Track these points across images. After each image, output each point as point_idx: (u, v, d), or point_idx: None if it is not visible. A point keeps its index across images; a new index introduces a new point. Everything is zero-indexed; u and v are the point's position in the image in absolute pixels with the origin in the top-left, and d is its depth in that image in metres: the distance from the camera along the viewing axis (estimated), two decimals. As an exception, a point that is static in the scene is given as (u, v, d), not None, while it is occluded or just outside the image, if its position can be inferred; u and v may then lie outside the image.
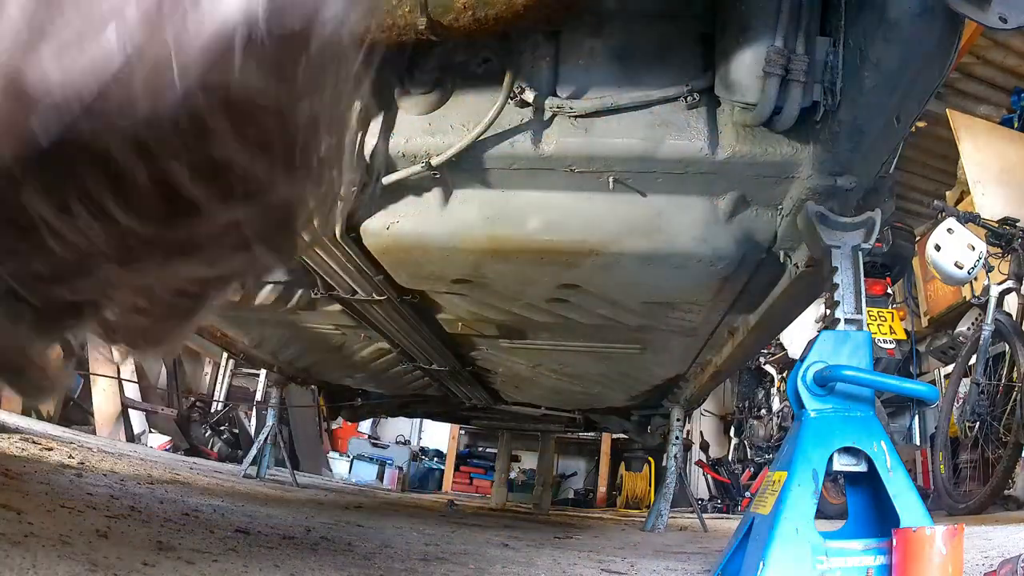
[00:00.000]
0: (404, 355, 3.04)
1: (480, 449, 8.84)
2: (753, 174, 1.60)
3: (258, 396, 6.95)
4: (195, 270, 0.31)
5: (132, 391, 5.99)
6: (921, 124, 5.88)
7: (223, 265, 0.31)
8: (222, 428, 6.75)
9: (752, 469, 6.78)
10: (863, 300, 1.48)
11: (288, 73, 0.27)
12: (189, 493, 2.30)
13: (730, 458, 7.38)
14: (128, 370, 5.96)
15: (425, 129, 1.61)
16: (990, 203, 5.27)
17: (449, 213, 1.78)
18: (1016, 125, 5.91)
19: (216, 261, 0.30)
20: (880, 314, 4.77)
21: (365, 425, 8.57)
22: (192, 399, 6.89)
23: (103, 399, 5.76)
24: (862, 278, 1.50)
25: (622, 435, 5.86)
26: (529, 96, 1.53)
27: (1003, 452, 3.57)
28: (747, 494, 6.64)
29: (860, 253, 1.52)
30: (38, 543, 1.05)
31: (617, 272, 1.95)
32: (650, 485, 7.35)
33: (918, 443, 6.44)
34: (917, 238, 5.49)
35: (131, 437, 5.81)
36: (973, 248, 3.88)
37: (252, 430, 6.88)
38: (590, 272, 1.97)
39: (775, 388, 6.50)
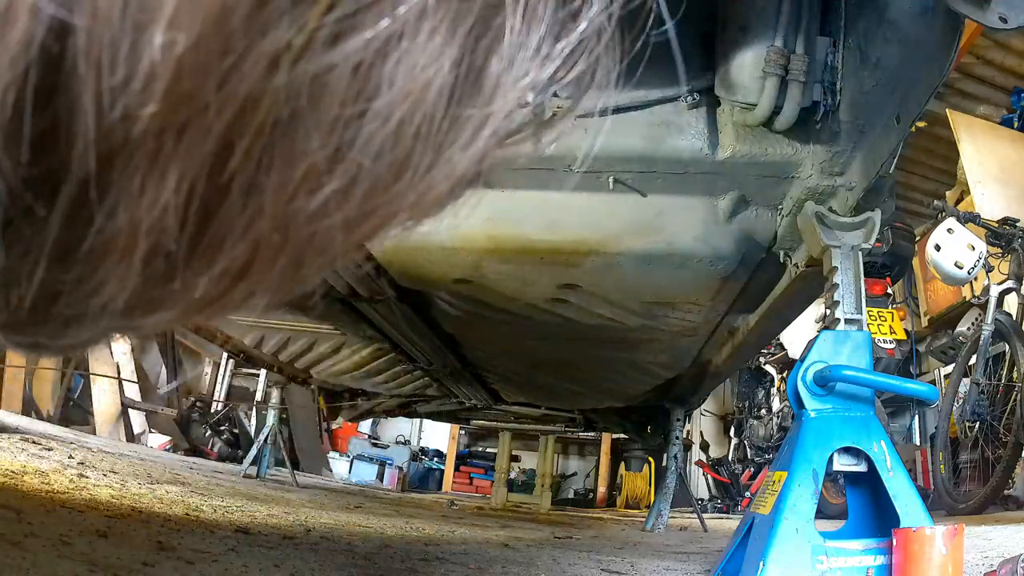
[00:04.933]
0: (404, 355, 3.04)
1: (480, 449, 8.84)
2: (753, 174, 1.60)
3: (258, 396, 6.95)
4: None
5: (132, 391, 5.99)
6: (921, 124, 5.88)
7: None
8: (222, 428, 6.74)
9: (752, 469, 6.78)
10: (863, 300, 1.48)
11: None
12: (189, 493, 2.30)
13: (730, 458, 7.38)
14: (128, 370, 5.96)
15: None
16: (990, 203, 5.27)
17: (449, 213, 1.78)
18: (1016, 125, 5.91)
19: None
20: (880, 314, 4.77)
21: (365, 425, 8.56)
22: (192, 399, 6.89)
23: (103, 399, 5.76)
24: (862, 278, 1.50)
25: (622, 435, 5.86)
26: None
27: (1003, 452, 3.57)
28: (747, 494, 6.64)
29: (860, 253, 1.52)
30: (38, 543, 1.05)
31: (617, 272, 1.95)
32: (650, 485, 7.35)
33: (918, 443, 6.44)
34: (917, 238, 5.49)
35: (131, 437, 5.81)
36: (973, 248, 3.88)
37: (252, 430, 6.87)
38: (590, 272, 1.97)
39: (775, 388, 6.50)
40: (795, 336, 5.46)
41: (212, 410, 7.02)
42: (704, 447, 7.96)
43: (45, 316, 0.23)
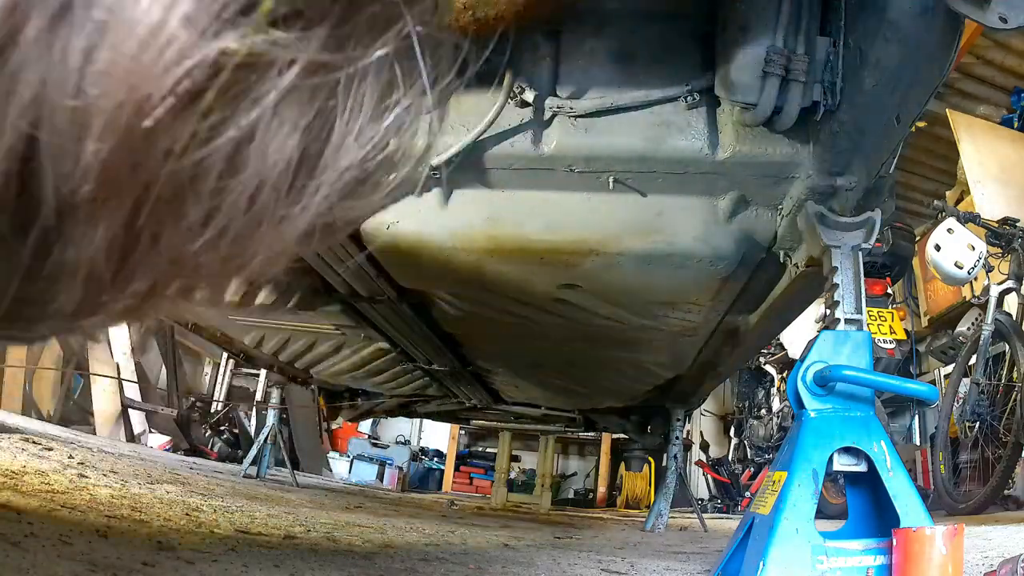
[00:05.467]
0: (404, 355, 3.04)
1: (480, 449, 8.84)
2: (753, 174, 1.60)
3: (258, 396, 6.95)
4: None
5: (132, 391, 5.99)
6: (921, 124, 5.89)
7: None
8: (222, 428, 6.75)
9: (752, 469, 6.78)
10: (863, 300, 1.48)
11: None
12: (189, 493, 2.30)
13: (730, 458, 7.38)
14: (128, 370, 5.96)
15: (424, 129, 1.60)
16: (990, 203, 5.28)
17: (449, 213, 1.78)
18: (1016, 125, 5.92)
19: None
20: (880, 314, 4.77)
21: (365, 425, 8.56)
22: (192, 399, 6.89)
23: (103, 399, 5.76)
24: (862, 278, 1.50)
25: (622, 435, 5.86)
26: (529, 96, 1.53)
27: (1003, 452, 3.57)
28: (747, 494, 6.65)
29: (860, 253, 1.52)
30: (38, 543, 1.05)
31: (617, 272, 1.95)
32: (650, 485, 7.35)
33: (918, 443, 6.45)
34: (917, 238, 5.49)
35: (131, 437, 5.81)
36: (973, 248, 3.89)
37: (252, 430, 6.87)
38: (590, 272, 1.97)
39: (775, 388, 6.50)
40: (795, 336, 5.46)
41: (212, 410, 7.03)
42: (704, 447, 7.96)
43: (15, 317, 0.34)
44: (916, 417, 6.64)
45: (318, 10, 0.32)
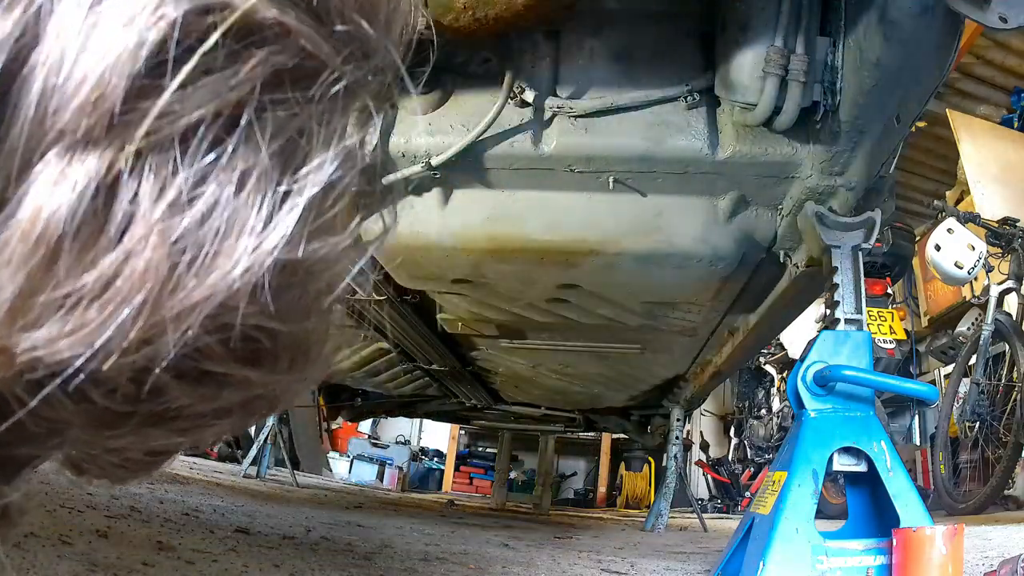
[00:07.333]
0: (404, 355, 3.04)
1: (480, 449, 8.83)
2: (753, 174, 1.60)
3: (258, 396, 6.93)
4: (172, 437, 0.31)
5: (132, 391, 5.98)
6: (921, 124, 5.88)
7: (204, 431, 0.31)
8: (222, 428, 6.74)
9: (752, 469, 6.78)
10: (863, 300, 1.48)
11: (289, 310, 0.29)
12: (189, 493, 2.30)
13: (730, 458, 7.38)
14: (128, 370, 5.95)
15: (425, 129, 1.61)
16: (990, 203, 5.27)
17: (449, 213, 1.78)
18: (1016, 125, 5.91)
19: (196, 428, 0.31)
20: (880, 314, 4.77)
21: (365, 425, 8.56)
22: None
23: (103, 399, 5.75)
24: (862, 278, 1.50)
25: (622, 435, 5.86)
26: (529, 96, 1.53)
27: (1003, 452, 3.57)
28: (747, 494, 6.65)
29: (860, 253, 1.52)
30: (38, 543, 1.05)
31: (617, 272, 1.95)
32: (650, 485, 7.35)
33: (918, 443, 6.44)
34: (917, 238, 5.49)
35: (131, 437, 5.80)
36: (973, 248, 3.88)
37: (252, 430, 6.86)
38: (590, 272, 1.97)
39: (775, 388, 6.50)
40: (795, 336, 5.45)
41: (212, 410, 7.01)
42: (704, 447, 7.95)
43: None
44: (916, 417, 6.64)
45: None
